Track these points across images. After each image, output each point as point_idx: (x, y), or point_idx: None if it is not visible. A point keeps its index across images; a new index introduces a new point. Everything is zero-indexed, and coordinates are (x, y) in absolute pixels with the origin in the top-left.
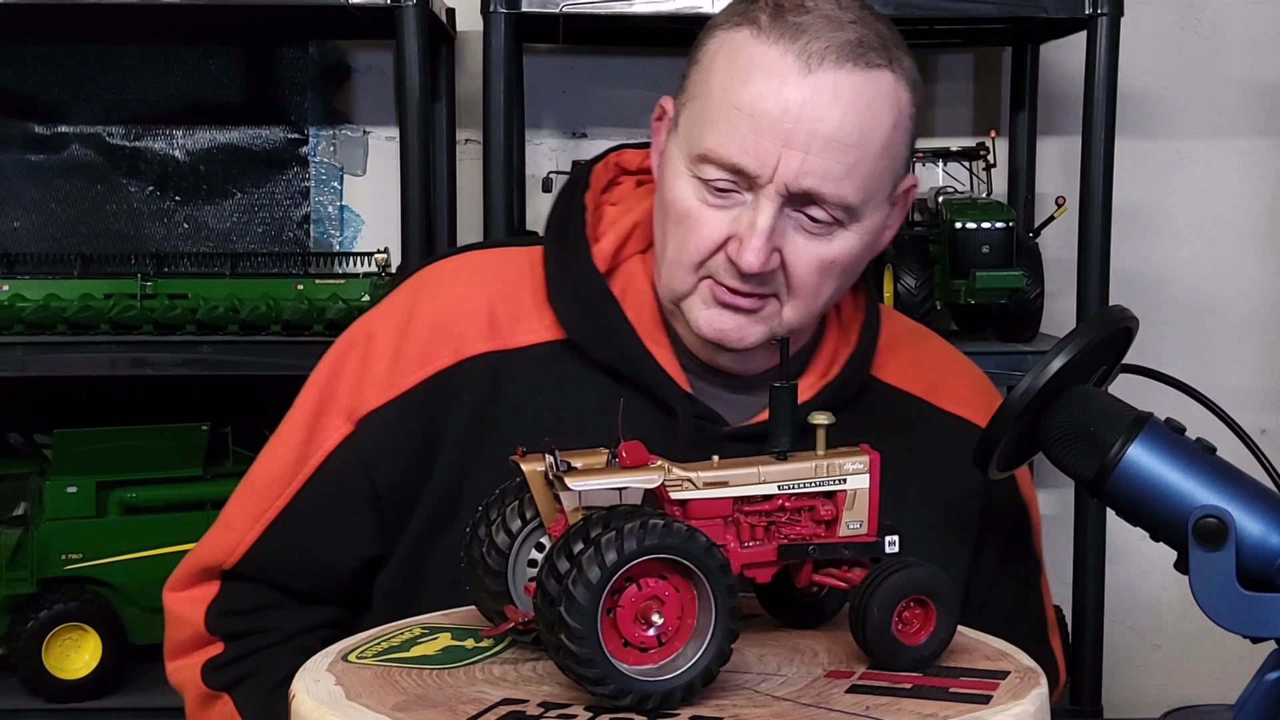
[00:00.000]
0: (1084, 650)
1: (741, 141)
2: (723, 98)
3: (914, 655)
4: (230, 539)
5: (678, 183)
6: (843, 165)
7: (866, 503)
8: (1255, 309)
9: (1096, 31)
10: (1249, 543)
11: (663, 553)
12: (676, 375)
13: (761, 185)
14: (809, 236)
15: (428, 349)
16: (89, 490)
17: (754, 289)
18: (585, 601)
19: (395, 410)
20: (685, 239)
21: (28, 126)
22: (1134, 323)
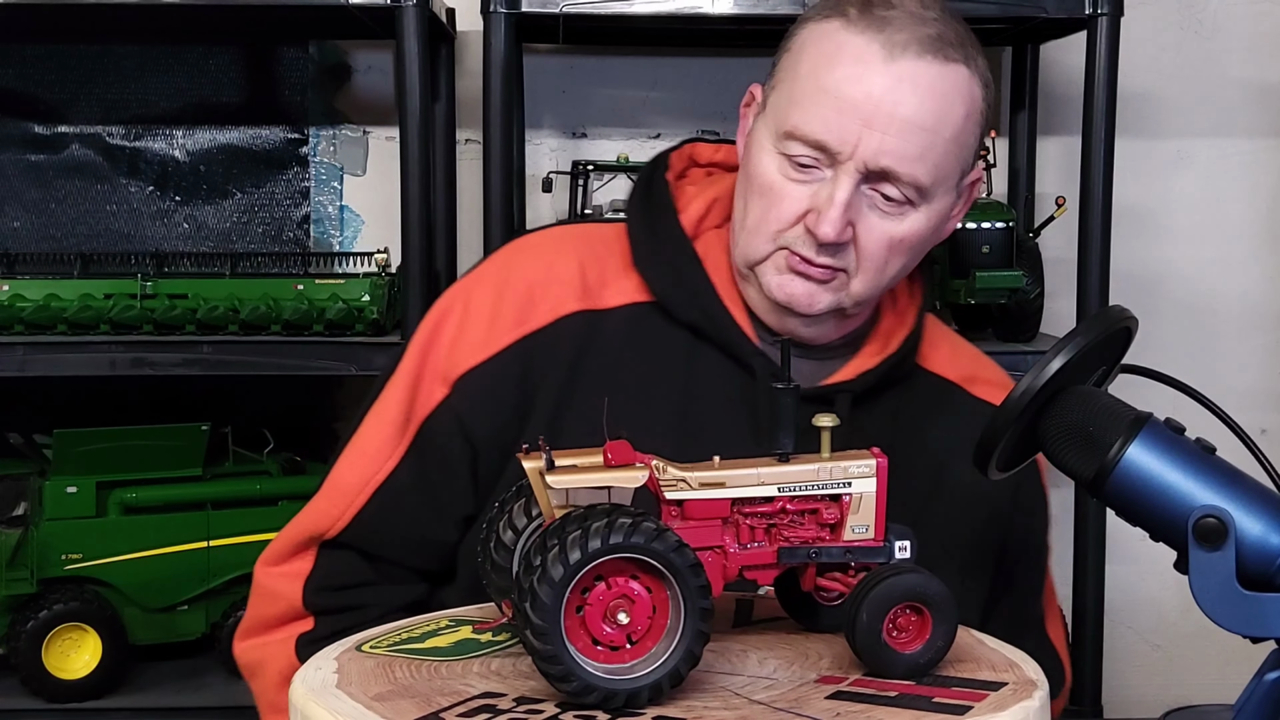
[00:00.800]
0: (1084, 650)
1: (826, 120)
2: (811, 80)
3: (908, 663)
4: (340, 504)
5: (763, 158)
6: (917, 147)
7: (873, 507)
8: (1255, 309)
9: (1096, 31)
10: (1249, 543)
11: (628, 552)
12: (753, 336)
13: (841, 162)
14: (881, 214)
15: (524, 309)
16: (89, 490)
17: (827, 260)
18: (548, 599)
19: (492, 367)
20: (767, 210)
21: (28, 126)
22: (1134, 323)
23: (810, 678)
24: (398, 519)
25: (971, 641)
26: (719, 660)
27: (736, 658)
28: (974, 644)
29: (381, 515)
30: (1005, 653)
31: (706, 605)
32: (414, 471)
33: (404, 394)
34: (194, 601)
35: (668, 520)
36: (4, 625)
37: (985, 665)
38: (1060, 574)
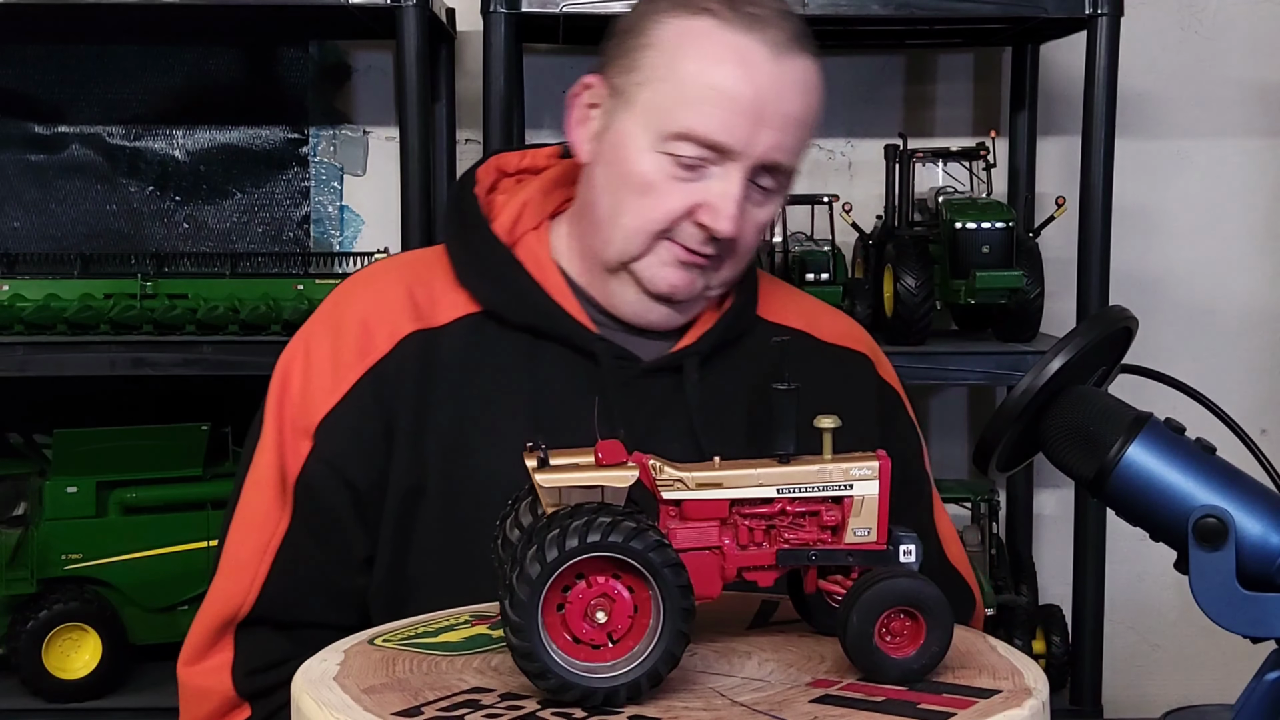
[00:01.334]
0: (1084, 650)
1: (721, 120)
2: (698, 80)
3: (901, 668)
4: (243, 581)
5: (642, 158)
6: (797, 139)
7: (875, 510)
8: (1255, 309)
9: (1096, 31)
10: (1249, 543)
11: (604, 551)
12: (588, 324)
13: (734, 158)
14: (755, 204)
15: (363, 343)
16: (89, 490)
17: (713, 252)
18: (525, 596)
19: (346, 407)
20: (651, 209)
21: (28, 126)
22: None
23: (804, 680)
24: (303, 579)
25: (983, 647)
26: (719, 661)
27: (739, 659)
28: (984, 650)
29: (286, 580)
30: (1012, 660)
31: (686, 605)
32: (305, 528)
33: (272, 456)
34: (194, 601)
35: (666, 520)
36: (4, 625)
37: (986, 672)
38: (1060, 574)
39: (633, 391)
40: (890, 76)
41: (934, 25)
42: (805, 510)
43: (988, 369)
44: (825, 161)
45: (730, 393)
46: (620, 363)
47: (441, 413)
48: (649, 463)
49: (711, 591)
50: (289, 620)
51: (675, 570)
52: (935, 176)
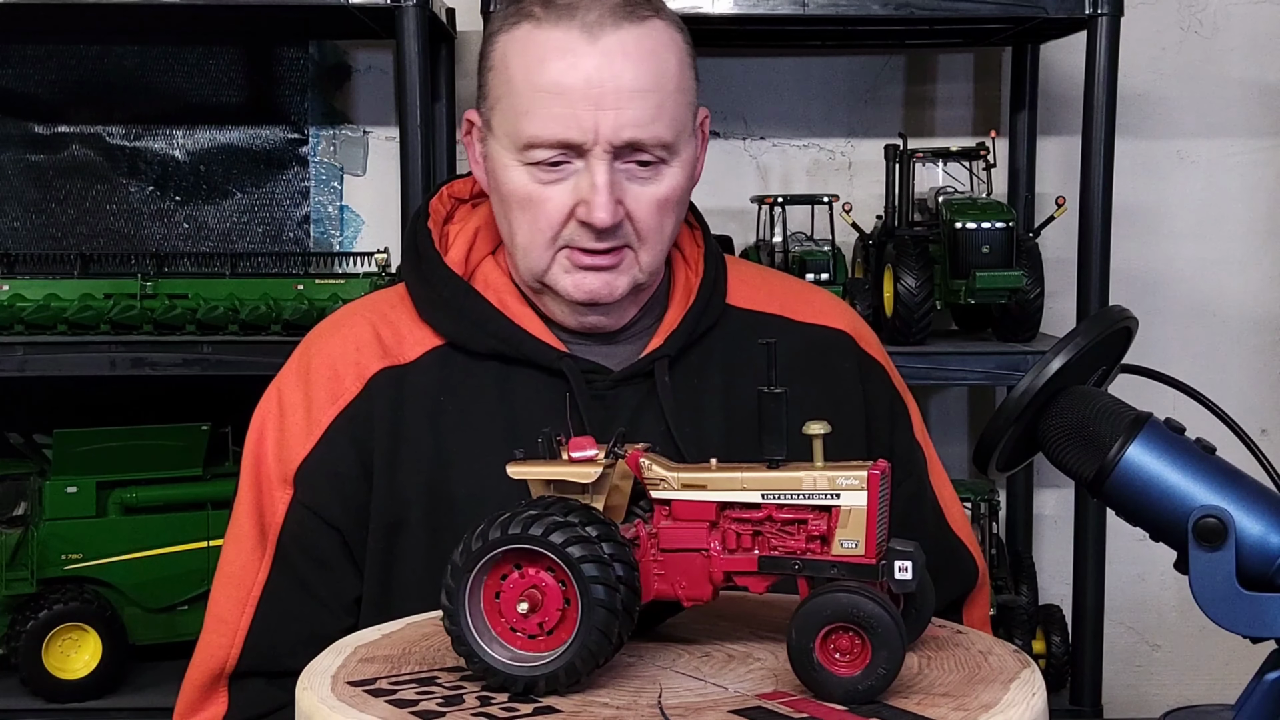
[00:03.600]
0: (1084, 650)
1: (559, 118)
2: (527, 87)
3: (845, 687)
4: (226, 633)
5: (510, 175)
6: (650, 109)
7: (863, 522)
8: (1255, 309)
9: (1096, 31)
10: (1249, 543)
11: (521, 544)
12: (554, 343)
13: (589, 149)
14: (641, 182)
15: (333, 386)
16: (89, 490)
17: (609, 244)
18: (454, 584)
19: (322, 450)
20: (535, 220)
21: (28, 126)
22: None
23: (755, 691)
24: (286, 626)
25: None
26: (691, 663)
27: (720, 663)
28: (958, 683)
29: (269, 628)
30: (980, 692)
31: (608, 604)
32: (286, 576)
33: (250, 508)
34: (194, 601)
35: (659, 519)
36: (4, 625)
37: (945, 699)
38: (1060, 574)
39: (607, 403)
40: (890, 76)
41: (934, 25)
42: (793, 518)
43: (988, 369)
44: (825, 161)
45: (704, 388)
46: (589, 376)
47: (417, 447)
48: (640, 460)
49: (700, 593)
50: (278, 670)
51: (598, 567)
52: (935, 176)
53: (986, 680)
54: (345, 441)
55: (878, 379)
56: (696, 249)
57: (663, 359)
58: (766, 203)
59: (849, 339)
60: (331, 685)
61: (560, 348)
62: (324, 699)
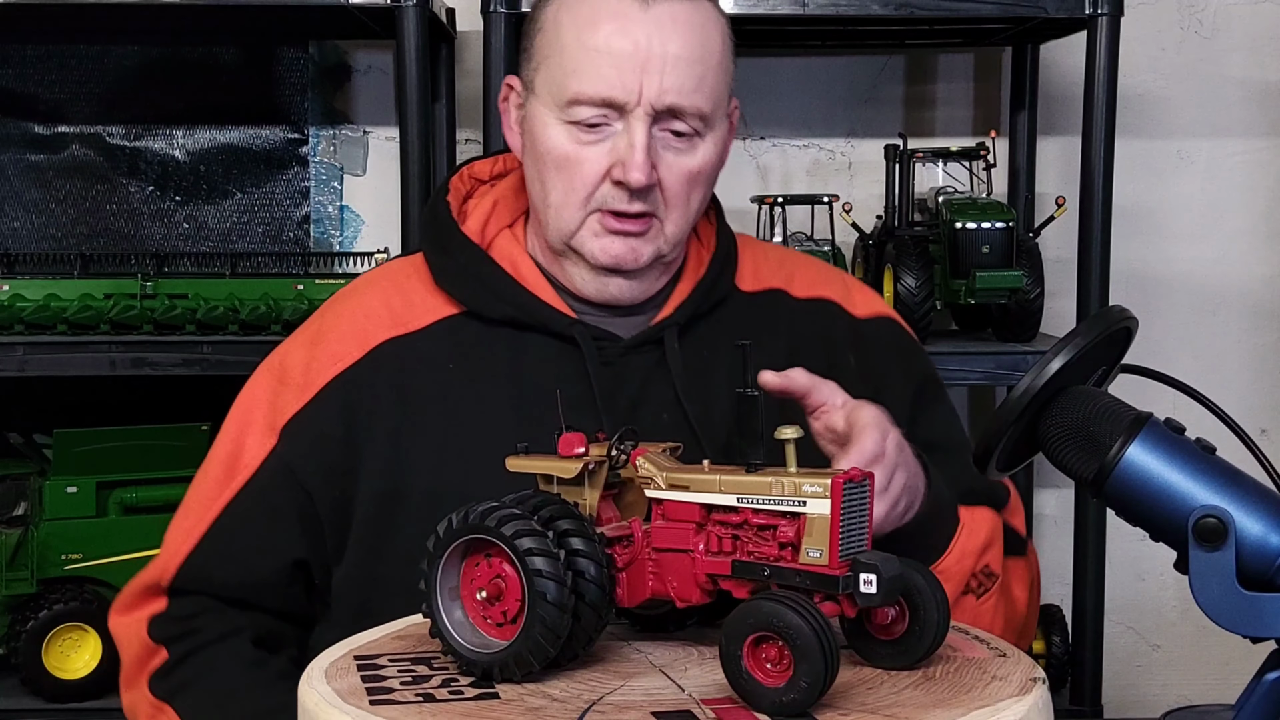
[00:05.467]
0: (1084, 650)
1: (606, 77)
2: (578, 46)
3: (770, 698)
4: (166, 555)
5: (549, 133)
6: (694, 79)
7: (826, 531)
8: (1255, 309)
9: (1096, 31)
10: (1249, 543)
11: (476, 534)
12: (567, 311)
13: (630, 110)
14: (676, 151)
15: (337, 350)
16: (89, 490)
17: (640, 208)
18: (426, 568)
19: (313, 409)
20: (571, 179)
21: (28, 126)
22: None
23: (706, 694)
24: (226, 562)
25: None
26: (675, 660)
27: (694, 662)
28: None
29: (210, 559)
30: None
31: (554, 598)
32: (240, 515)
33: (226, 451)
34: None
35: (655, 517)
36: (4, 625)
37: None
38: (1060, 574)
39: (617, 369)
40: (890, 76)
41: (934, 25)
42: (766, 523)
43: (988, 369)
44: (825, 161)
45: (712, 357)
46: (600, 343)
47: (426, 414)
48: (637, 459)
49: (689, 595)
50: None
51: (546, 560)
52: (935, 176)
53: (958, 705)
54: (336, 404)
55: (871, 340)
56: (710, 227)
57: (672, 327)
58: (766, 203)
59: (836, 309)
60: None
61: (573, 315)
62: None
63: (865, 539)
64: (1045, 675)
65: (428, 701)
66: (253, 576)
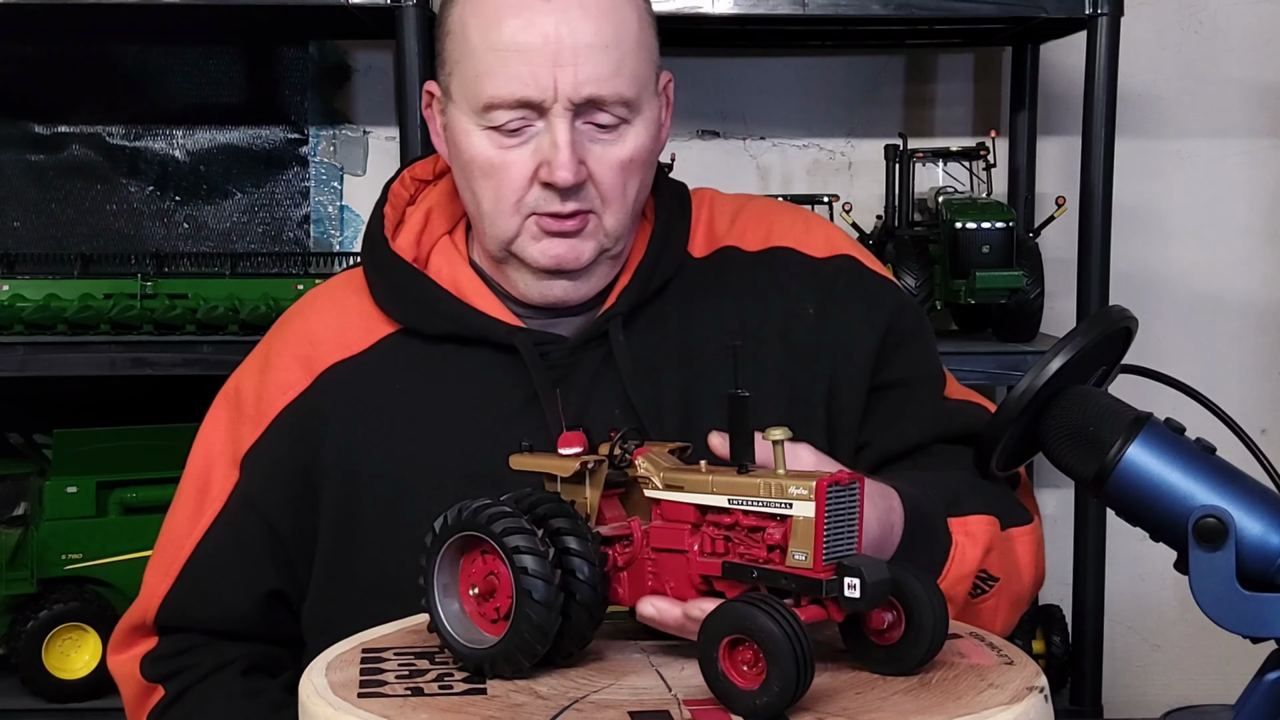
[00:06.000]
0: (1084, 650)
1: (518, 76)
2: (485, 47)
3: (745, 701)
4: (145, 596)
5: (471, 141)
6: (610, 65)
7: (811, 534)
8: (1255, 309)
9: (1096, 31)
10: (1249, 543)
11: (465, 530)
12: (508, 319)
13: (549, 108)
14: (604, 143)
15: (285, 378)
16: (89, 490)
17: (574, 208)
18: (424, 562)
19: (267, 441)
20: (499, 186)
21: (28, 126)
22: (1134, 323)
23: (691, 695)
24: (203, 599)
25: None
26: (672, 660)
27: (690, 665)
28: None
29: (187, 598)
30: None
31: (540, 597)
32: (211, 552)
33: (194, 489)
34: None
35: (655, 518)
36: (4, 625)
37: None
38: (1060, 574)
39: (564, 372)
40: (890, 76)
41: (934, 25)
42: (756, 525)
43: (988, 369)
44: (825, 161)
45: (661, 344)
46: (544, 348)
47: (378, 437)
48: (638, 459)
49: (685, 596)
50: (194, 628)
51: (532, 557)
52: (935, 176)
53: (942, 712)
54: (289, 435)
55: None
56: (647, 206)
57: (616, 318)
58: None
59: (856, 264)
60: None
61: (518, 323)
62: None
63: (854, 542)
64: (1046, 684)
65: (414, 695)
66: (232, 612)
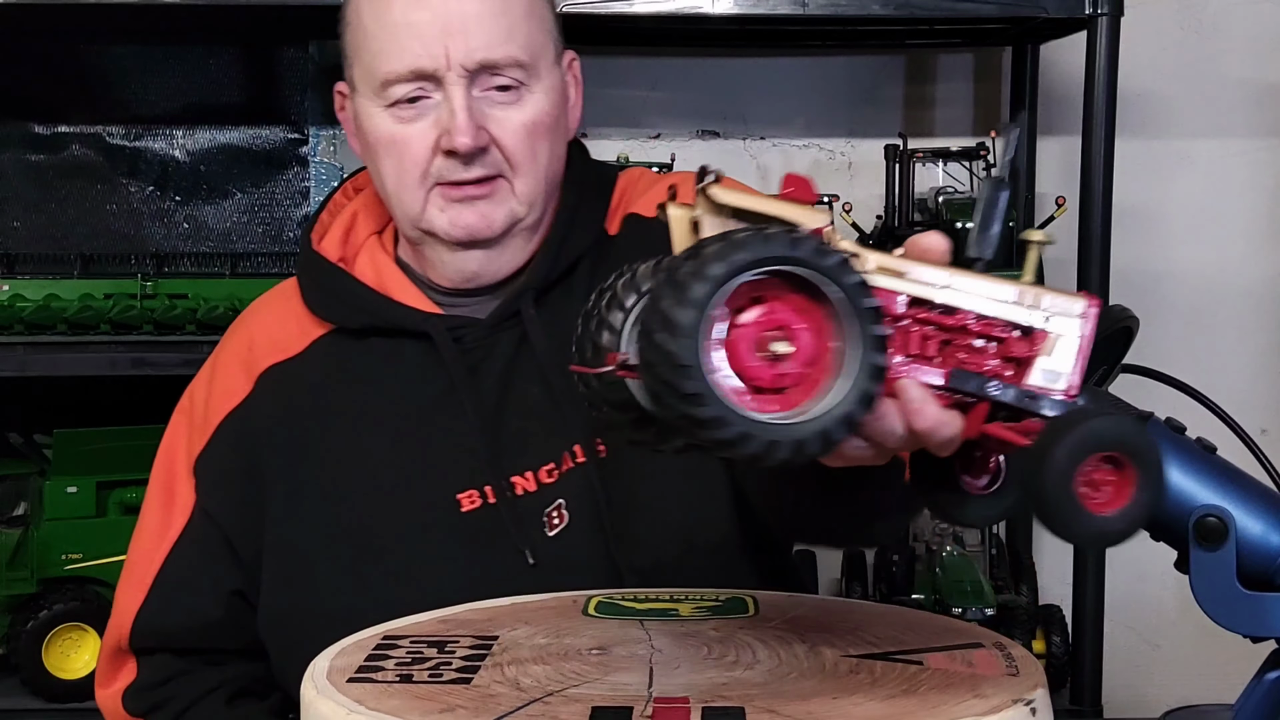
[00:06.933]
0: (1084, 650)
1: (410, 50)
2: (379, 28)
3: (1099, 527)
4: (118, 616)
5: (374, 122)
6: (501, 31)
7: (1073, 354)
8: (1255, 309)
9: (1096, 31)
10: (1249, 542)
11: (782, 264)
12: (425, 307)
13: (443, 76)
14: (504, 107)
15: (228, 384)
16: (89, 490)
17: (479, 173)
18: (686, 321)
19: (214, 448)
20: (401, 159)
21: (28, 126)
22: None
23: (666, 693)
24: (177, 613)
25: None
26: (668, 660)
27: (687, 665)
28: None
29: (160, 613)
30: None
31: (880, 333)
32: (179, 562)
33: (159, 501)
34: None
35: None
36: (4, 625)
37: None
38: (1060, 574)
39: (481, 356)
40: (890, 76)
41: (934, 25)
42: (990, 333)
43: None
44: (825, 161)
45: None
46: (459, 332)
47: (316, 437)
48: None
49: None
50: (172, 648)
51: (864, 290)
52: (935, 176)
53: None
54: (233, 440)
55: None
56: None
57: (528, 293)
58: None
59: None
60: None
61: (432, 309)
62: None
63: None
64: (1040, 698)
65: (400, 683)
66: (201, 619)
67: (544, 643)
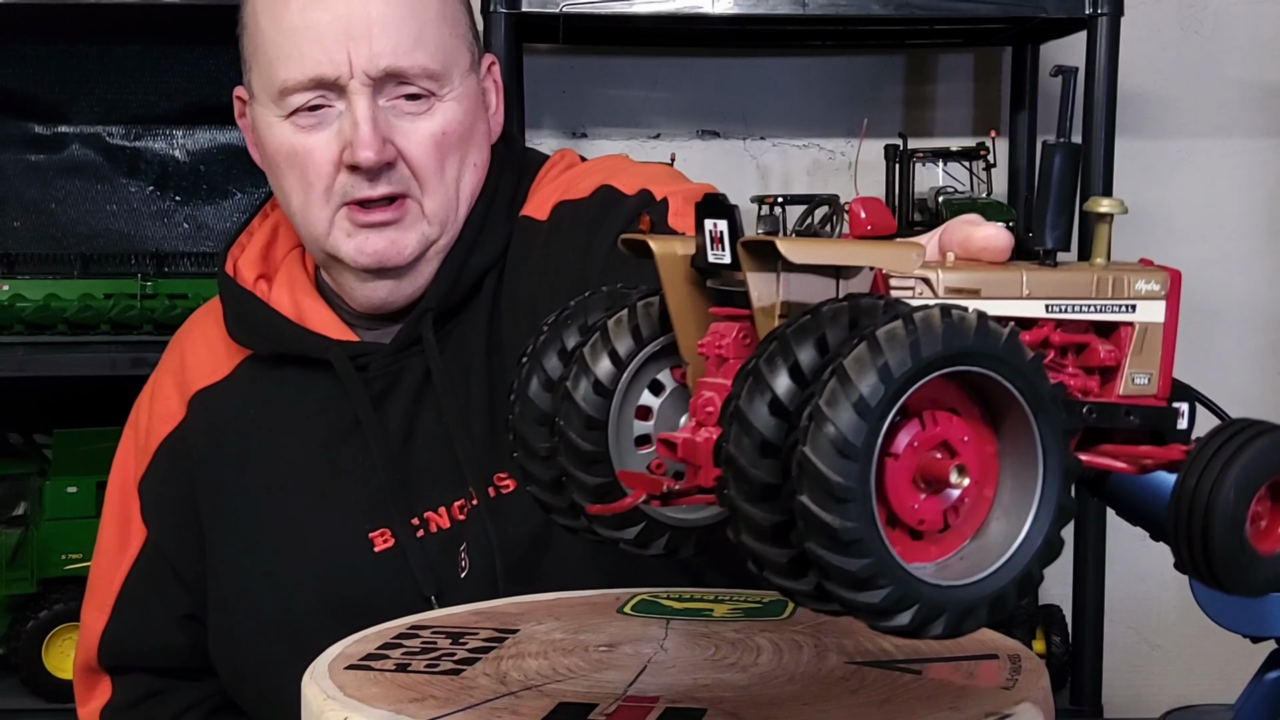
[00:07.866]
0: (1084, 650)
1: (310, 55)
2: (275, 31)
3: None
4: (86, 636)
5: (273, 134)
6: (408, 36)
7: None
8: (1256, 309)
9: (1096, 31)
10: None
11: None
12: (333, 333)
13: (345, 84)
14: (412, 118)
15: (164, 407)
16: (89, 490)
17: (385, 191)
18: (857, 438)
19: (154, 472)
20: (303, 173)
21: (28, 126)
22: None
23: (646, 692)
24: (140, 632)
25: None
26: (667, 661)
27: (682, 667)
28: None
29: (124, 633)
30: None
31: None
32: (136, 582)
33: (116, 518)
34: None
35: None
36: (4, 625)
37: None
38: (1060, 574)
39: (389, 383)
40: (890, 76)
41: (934, 25)
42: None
43: None
44: (825, 161)
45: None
46: (364, 360)
47: (240, 463)
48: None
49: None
50: (145, 666)
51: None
52: (935, 176)
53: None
54: (168, 465)
55: None
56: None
57: (426, 314)
58: (767, 202)
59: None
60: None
61: (341, 336)
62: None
63: None
64: (1015, 714)
65: (395, 671)
66: (163, 641)
67: (558, 639)
